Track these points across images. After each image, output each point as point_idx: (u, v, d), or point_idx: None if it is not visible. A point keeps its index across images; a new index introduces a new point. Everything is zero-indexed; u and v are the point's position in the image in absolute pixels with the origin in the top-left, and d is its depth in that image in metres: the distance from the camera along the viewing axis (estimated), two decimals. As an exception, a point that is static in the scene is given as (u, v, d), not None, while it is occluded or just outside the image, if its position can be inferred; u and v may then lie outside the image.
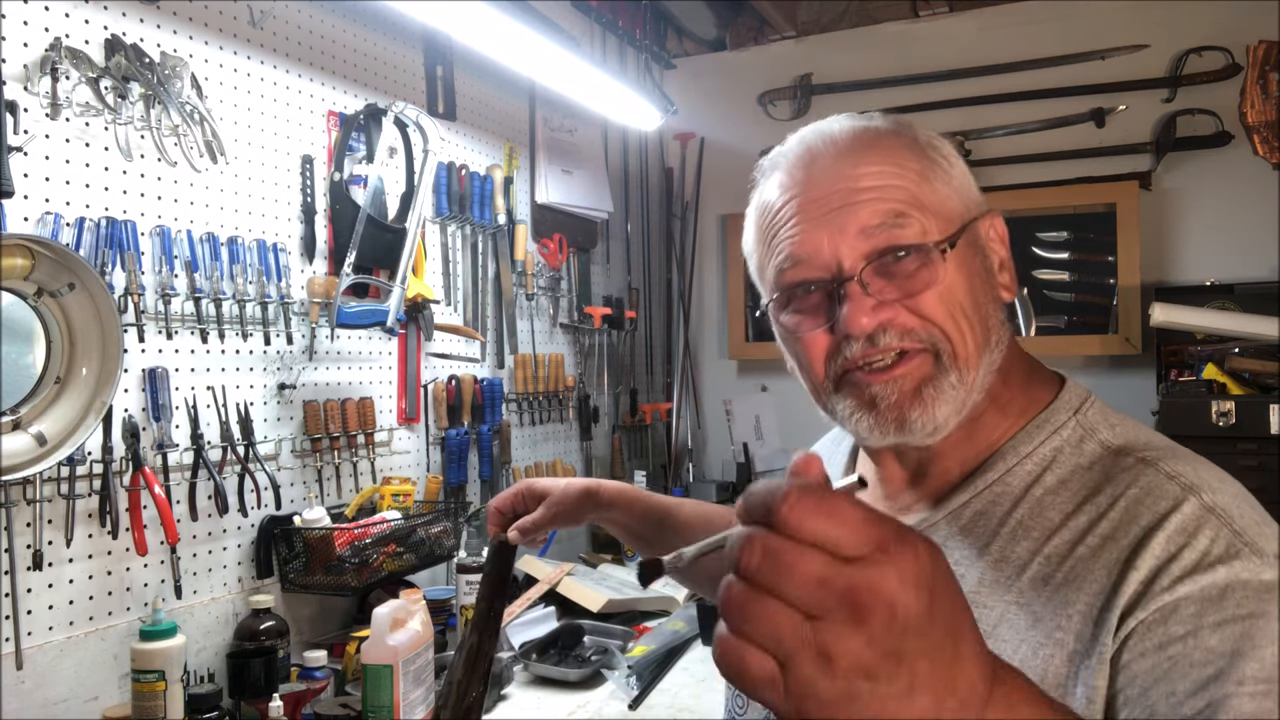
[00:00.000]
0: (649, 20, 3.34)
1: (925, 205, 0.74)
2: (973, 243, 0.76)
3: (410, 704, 1.52)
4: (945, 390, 0.74)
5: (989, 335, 0.76)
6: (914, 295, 0.73)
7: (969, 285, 0.75)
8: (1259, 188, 2.79)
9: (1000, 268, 0.79)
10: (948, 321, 0.74)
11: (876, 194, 0.74)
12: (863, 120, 0.79)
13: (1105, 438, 0.76)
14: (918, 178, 0.75)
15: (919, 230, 0.73)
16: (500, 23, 2.00)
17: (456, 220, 2.43)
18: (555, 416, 2.89)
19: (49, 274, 1.37)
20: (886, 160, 0.75)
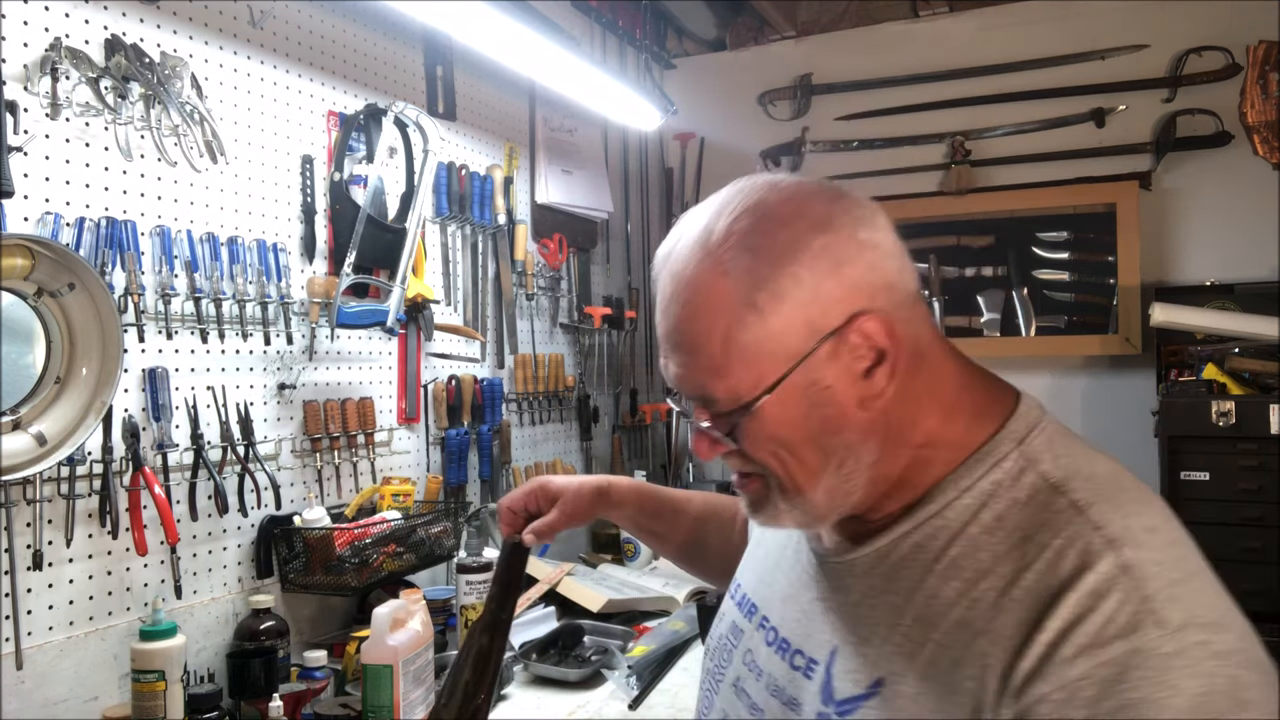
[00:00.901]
0: (649, 20, 3.34)
1: (734, 367, 0.74)
2: (804, 380, 0.74)
3: (410, 704, 1.52)
4: (782, 509, 0.79)
5: (826, 460, 0.76)
6: (737, 438, 0.77)
7: (799, 420, 0.75)
8: (1259, 188, 2.79)
9: (869, 371, 0.74)
10: (769, 460, 0.77)
11: (684, 361, 0.77)
12: (697, 242, 0.76)
13: (1046, 469, 0.75)
14: (723, 339, 0.74)
15: (724, 395, 0.75)
16: (500, 23, 2.00)
17: (456, 220, 2.43)
18: (555, 416, 2.89)
19: (49, 274, 1.37)
20: (691, 327, 0.75)
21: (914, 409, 0.77)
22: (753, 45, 3.49)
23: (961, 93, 3.14)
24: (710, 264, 0.75)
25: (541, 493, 1.16)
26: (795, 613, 0.85)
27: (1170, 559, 0.67)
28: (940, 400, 0.78)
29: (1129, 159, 2.95)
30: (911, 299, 0.77)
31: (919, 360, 0.77)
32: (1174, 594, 0.65)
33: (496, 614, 1.06)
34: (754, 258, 0.73)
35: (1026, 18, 3.07)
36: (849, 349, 0.74)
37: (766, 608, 0.89)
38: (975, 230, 3.15)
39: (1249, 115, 2.75)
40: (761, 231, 0.74)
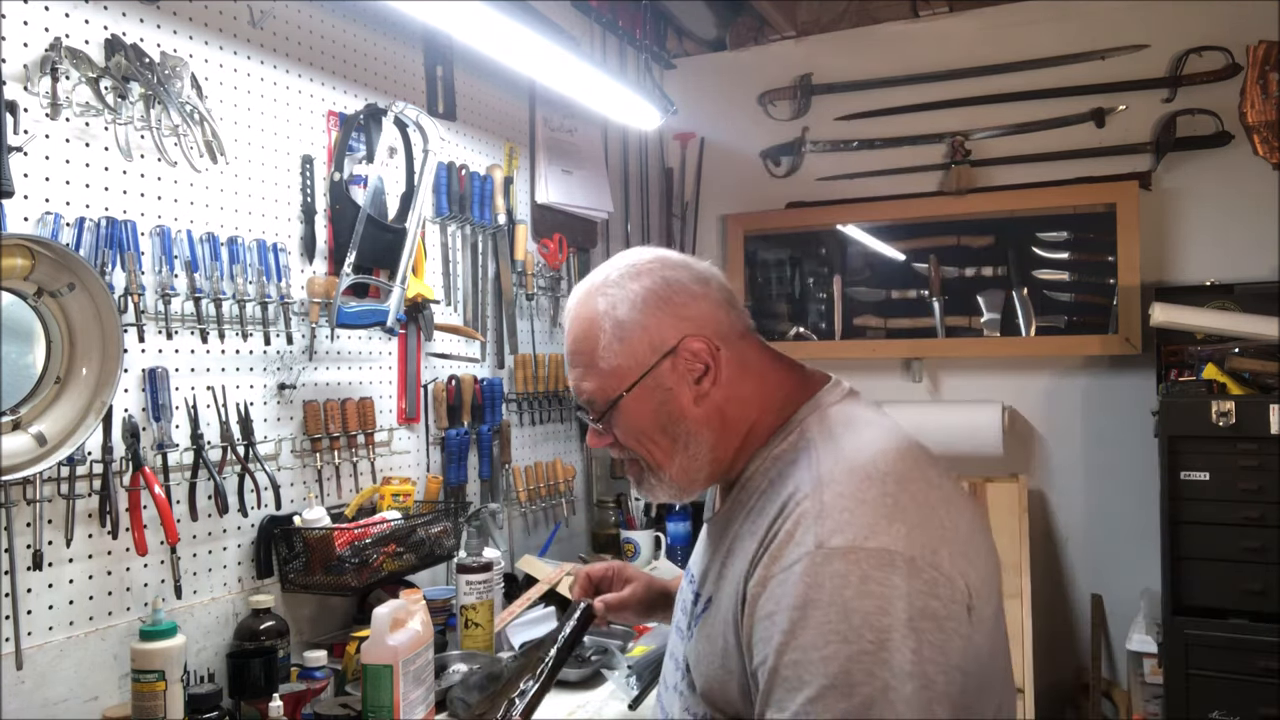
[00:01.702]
0: (649, 20, 3.34)
1: (598, 375, 1.07)
2: (650, 385, 1.06)
3: (410, 704, 1.52)
4: (654, 485, 1.11)
5: (676, 440, 1.07)
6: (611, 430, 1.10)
7: (651, 413, 1.07)
8: (1259, 188, 2.78)
9: (701, 378, 1.06)
10: (635, 445, 1.09)
11: (573, 367, 1.10)
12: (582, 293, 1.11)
13: (811, 435, 1.03)
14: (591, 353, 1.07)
15: (600, 396, 1.08)
16: (500, 23, 2.00)
17: (456, 220, 2.43)
18: (555, 416, 2.89)
19: (49, 274, 1.37)
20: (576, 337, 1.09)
21: (742, 409, 1.08)
22: (753, 45, 3.49)
23: (961, 93, 3.14)
24: (587, 308, 1.09)
25: (619, 574, 1.41)
26: (699, 564, 1.15)
27: (848, 494, 0.92)
28: (762, 400, 1.09)
29: (1129, 159, 2.95)
30: (739, 335, 1.10)
31: (745, 372, 1.08)
32: (839, 520, 0.90)
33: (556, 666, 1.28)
34: (612, 301, 1.07)
35: (1026, 18, 3.07)
36: (683, 362, 1.06)
37: (691, 567, 1.20)
38: (975, 230, 3.14)
39: (1249, 115, 2.75)
40: (623, 282, 1.08)
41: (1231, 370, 2.44)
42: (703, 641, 1.04)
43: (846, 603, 0.86)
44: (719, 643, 1.00)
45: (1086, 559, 3.01)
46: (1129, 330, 2.86)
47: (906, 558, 0.88)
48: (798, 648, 0.87)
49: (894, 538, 0.89)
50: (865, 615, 0.85)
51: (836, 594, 0.87)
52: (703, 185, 3.53)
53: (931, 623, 0.86)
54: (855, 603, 0.86)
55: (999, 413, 2.87)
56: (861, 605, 0.86)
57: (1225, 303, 2.70)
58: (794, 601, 0.88)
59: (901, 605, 0.86)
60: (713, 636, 1.02)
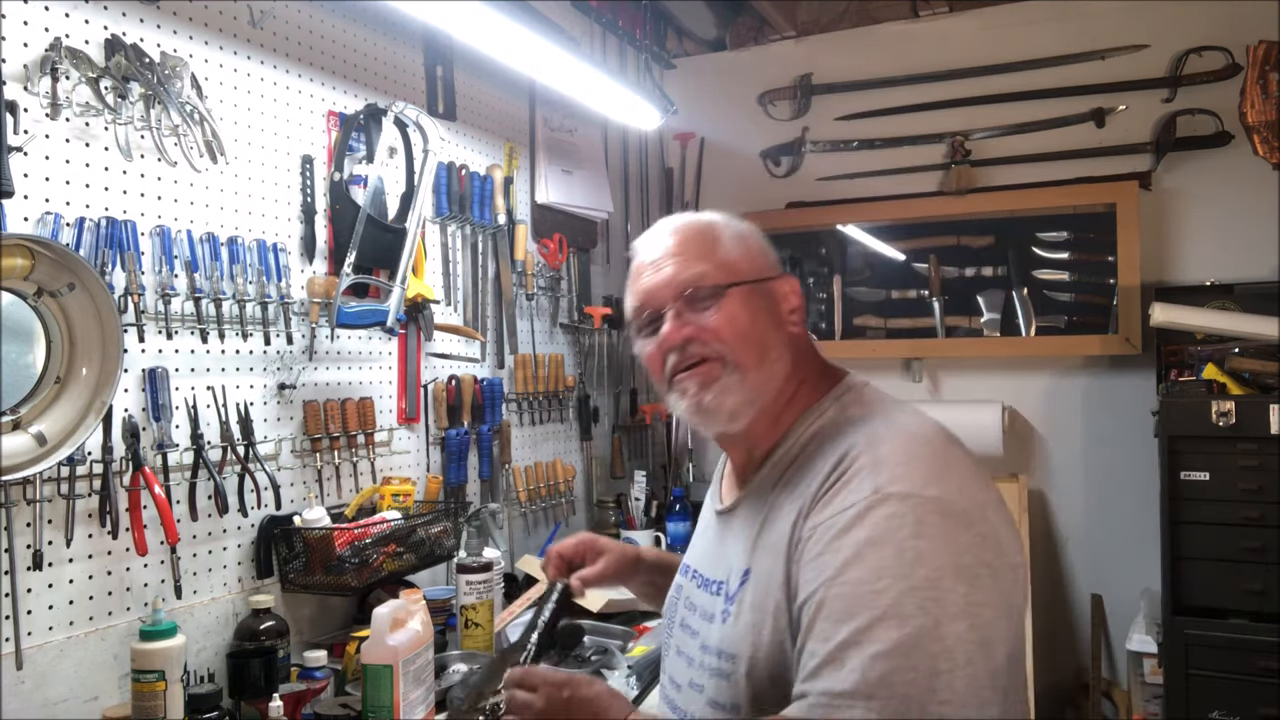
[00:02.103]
0: (649, 20, 3.34)
1: (719, 263, 1.10)
2: (759, 291, 1.10)
3: (410, 704, 1.52)
4: (731, 385, 1.07)
5: (766, 351, 1.09)
6: (707, 319, 1.08)
7: (750, 316, 1.09)
8: (1259, 188, 2.78)
9: (789, 312, 1.13)
10: (731, 337, 1.07)
11: (686, 256, 1.11)
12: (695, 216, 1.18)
13: (852, 413, 1.07)
14: (715, 247, 1.12)
15: (711, 278, 1.09)
16: (500, 23, 2.00)
17: (456, 220, 2.43)
18: (555, 416, 2.89)
19: (49, 274, 1.37)
20: (697, 238, 1.13)
21: (801, 362, 1.13)
22: (753, 45, 3.49)
23: (961, 93, 3.14)
24: (701, 217, 1.17)
25: (590, 547, 1.38)
26: (711, 557, 1.17)
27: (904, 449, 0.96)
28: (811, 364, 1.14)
29: (1129, 159, 2.95)
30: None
31: (808, 336, 1.15)
32: (895, 471, 0.93)
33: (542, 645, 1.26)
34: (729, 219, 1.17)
35: (1026, 18, 3.07)
36: (781, 291, 1.13)
37: (695, 564, 1.21)
38: (975, 230, 3.15)
39: (1249, 115, 2.75)
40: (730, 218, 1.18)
41: (1231, 370, 2.44)
42: (747, 614, 1.02)
43: (901, 542, 0.88)
44: (769, 607, 0.99)
45: (1086, 559, 3.01)
46: (1129, 330, 2.86)
47: (960, 510, 0.91)
48: (847, 581, 0.88)
49: (948, 489, 0.92)
50: (919, 554, 0.87)
51: (892, 534, 0.88)
52: (703, 185, 3.53)
53: (986, 570, 0.88)
54: (910, 542, 0.88)
55: (999, 413, 2.87)
56: (916, 545, 0.87)
57: (1225, 303, 2.70)
58: (847, 541, 0.90)
59: (953, 550, 0.88)
60: (759, 604, 1.01)
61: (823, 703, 0.86)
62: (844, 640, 0.86)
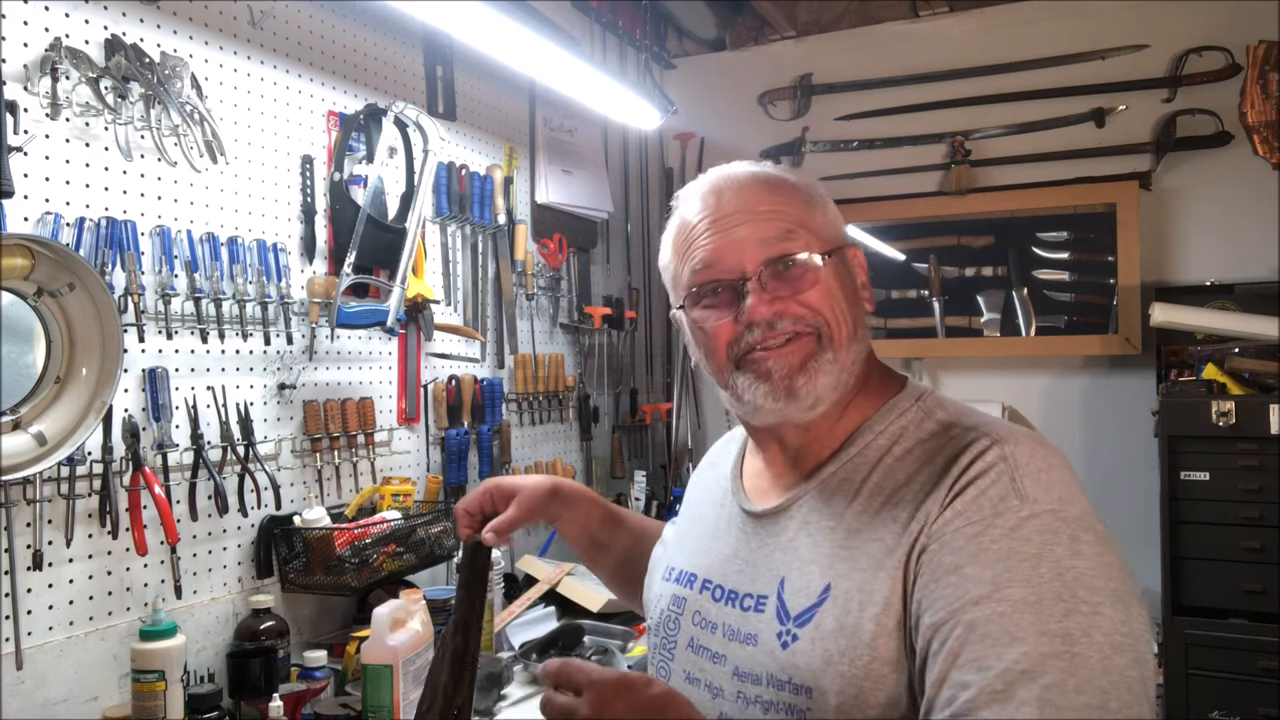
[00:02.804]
0: (649, 20, 3.34)
1: (809, 227, 0.95)
2: (843, 261, 0.98)
3: (410, 704, 1.52)
4: (825, 365, 0.94)
5: (856, 328, 0.96)
6: (802, 292, 0.94)
7: (842, 289, 0.96)
8: (1259, 188, 2.78)
9: (862, 286, 1.00)
10: (828, 312, 0.94)
11: (770, 215, 0.95)
12: (759, 166, 1.01)
13: (941, 417, 0.94)
14: (803, 207, 0.97)
15: (804, 244, 0.94)
16: (500, 23, 2.00)
17: (456, 220, 2.43)
18: (555, 416, 2.89)
19: (49, 274, 1.37)
20: (777, 193, 0.97)
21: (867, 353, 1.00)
22: (753, 45, 3.49)
23: (961, 93, 3.14)
24: (774, 170, 1.00)
25: (497, 492, 1.19)
26: (738, 566, 0.99)
27: (1038, 456, 0.85)
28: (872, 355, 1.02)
29: (1129, 159, 2.95)
30: None
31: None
32: (1037, 479, 0.83)
33: (466, 615, 1.07)
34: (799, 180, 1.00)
35: (1026, 18, 3.07)
36: (853, 264, 1.00)
37: (708, 573, 1.03)
38: (975, 230, 3.14)
39: (1249, 115, 2.75)
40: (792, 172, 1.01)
41: (1231, 370, 2.44)
42: (830, 640, 0.86)
43: (1060, 560, 0.78)
44: (865, 631, 0.84)
45: (1086, 559, 3.01)
46: (1129, 330, 2.86)
47: (1102, 530, 0.83)
48: (1005, 600, 0.77)
49: (1087, 507, 0.84)
50: (1079, 575, 0.78)
51: (1048, 550, 0.79)
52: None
53: (1133, 599, 0.80)
54: (1069, 561, 0.78)
55: (999, 413, 2.87)
56: (1075, 565, 0.78)
57: (1225, 303, 2.70)
58: (994, 555, 0.79)
59: (1109, 573, 0.79)
60: (851, 629, 0.85)
61: None
62: (1008, 669, 0.74)
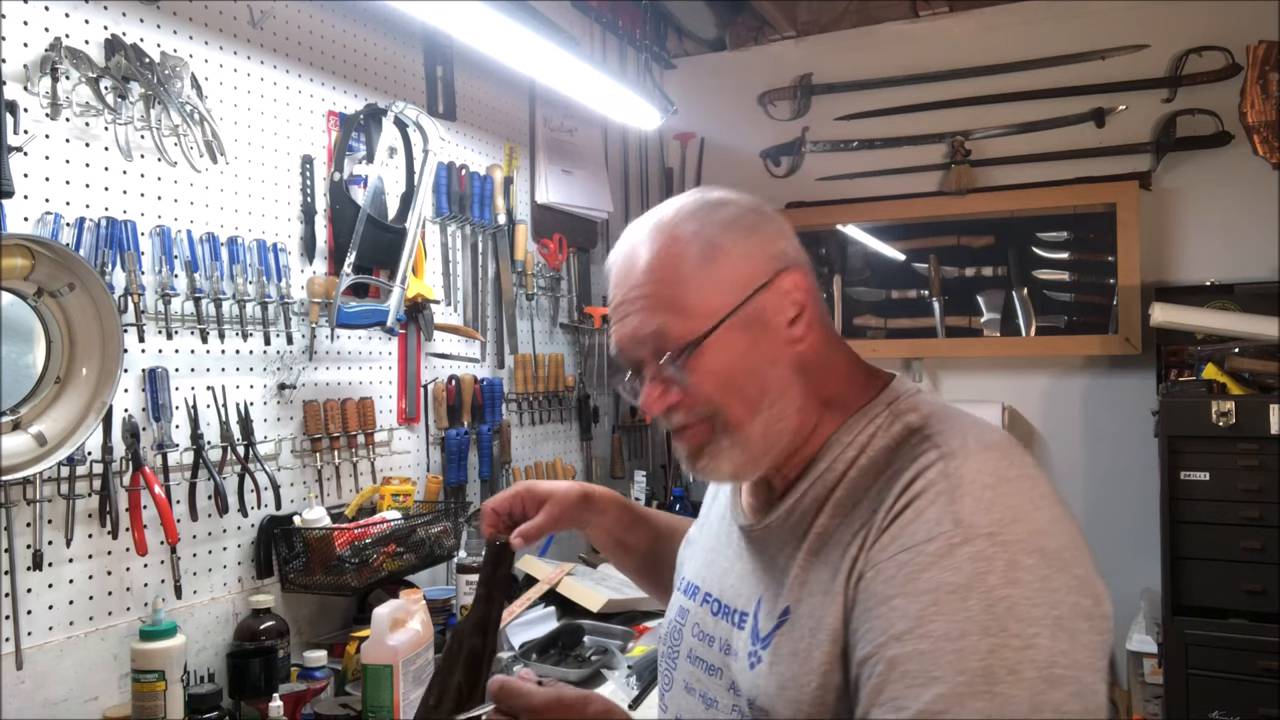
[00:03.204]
0: (649, 20, 3.34)
1: (685, 309, 0.89)
2: (744, 318, 0.90)
3: (410, 704, 1.52)
4: (723, 450, 0.91)
5: (762, 397, 0.90)
6: (687, 381, 0.90)
7: (738, 359, 0.90)
8: (1259, 188, 2.79)
9: (793, 322, 0.91)
10: (718, 397, 0.90)
11: (646, 305, 0.91)
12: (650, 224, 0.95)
13: (910, 419, 0.89)
14: (684, 282, 0.90)
15: (681, 331, 0.89)
16: (500, 23, 2.00)
17: (456, 220, 2.43)
18: (555, 416, 2.89)
19: (49, 274, 1.37)
20: (658, 270, 0.91)
21: (826, 372, 0.93)
22: (753, 45, 3.49)
23: (961, 93, 3.14)
24: (664, 234, 0.93)
25: (529, 496, 1.18)
26: (731, 581, 0.99)
27: (986, 471, 0.80)
28: (843, 366, 0.95)
29: (1129, 159, 2.95)
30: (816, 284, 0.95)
31: (828, 329, 0.95)
32: (979, 498, 0.78)
33: (485, 614, 1.05)
34: (699, 224, 0.92)
35: (1026, 18, 3.07)
36: (777, 299, 0.91)
37: (708, 586, 1.03)
38: (975, 230, 3.15)
39: (1249, 115, 2.75)
40: (704, 210, 0.94)
41: (1231, 370, 2.44)
42: (784, 664, 0.86)
43: (991, 590, 0.73)
44: (814, 658, 0.83)
45: (1086, 559, 3.01)
46: (1129, 330, 2.86)
47: (1055, 549, 0.76)
48: (926, 636, 0.73)
49: (1041, 524, 0.77)
50: (1013, 605, 0.72)
51: (980, 580, 0.73)
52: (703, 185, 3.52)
53: (1085, 622, 0.75)
54: (1001, 590, 0.73)
55: (999, 413, 2.87)
56: (1008, 594, 0.73)
57: (1225, 303, 2.70)
58: (922, 586, 0.75)
59: (1052, 600, 0.74)
60: (801, 653, 0.85)
61: None
62: (924, 710, 0.71)
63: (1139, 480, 2.82)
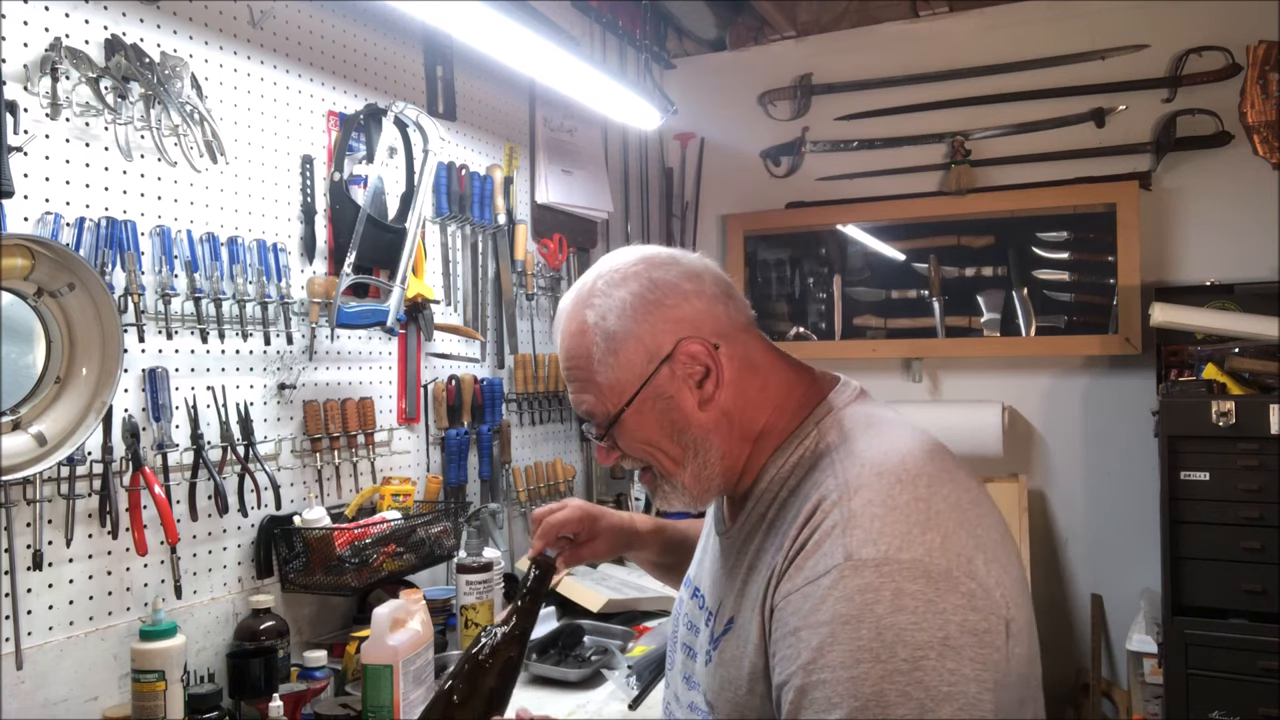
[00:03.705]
0: (649, 20, 3.34)
1: (595, 389, 1.02)
2: (650, 394, 1.00)
3: (410, 704, 1.52)
4: (666, 491, 1.05)
5: (684, 449, 1.01)
6: (620, 441, 1.04)
7: (656, 423, 1.01)
8: (1259, 188, 2.79)
9: (704, 379, 1.00)
10: (644, 454, 1.04)
11: (576, 375, 1.04)
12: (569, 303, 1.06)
13: (830, 439, 0.97)
14: (586, 367, 1.02)
15: (603, 405, 1.02)
16: (500, 23, 2.00)
17: (456, 220, 2.43)
18: (555, 416, 2.89)
19: (49, 274, 1.37)
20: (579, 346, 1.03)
21: (751, 411, 1.02)
22: (753, 45, 3.49)
23: (961, 93, 3.14)
24: (576, 321, 1.03)
25: (589, 522, 1.30)
26: (710, 579, 1.10)
27: (877, 501, 0.87)
28: (770, 401, 1.03)
29: (1129, 159, 2.95)
30: (740, 328, 1.04)
31: (751, 371, 1.03)
32: (869, 528, 0.85)
33: (525, 628, 1.12)
34: (601, 312, 1.01)
35: (1026, 18, 3.07)
36: (681, 367, 1.00)
37: (699, 582, 1.14)
38: (975, 230, 3.15)
39: (1249, 115, 2.75)
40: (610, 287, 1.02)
41: (1231, 370, 2.44)
42: (725, 668, 0.97)
43: (879, 619, 0.80)
44: (744, 666, 0.94)
45: (1086, 559, 3.01)
46: (1129, 330, 2.86)
47: (943, 570, 0.83)
48: (826, 666, 0.81)
49: (929, 548, 0.84)
50: (899, 632, 0.80)
51: (868, 610, 0.81)
52: (703, 185, 3.53)
53: (972, 638, 0.81)
54: (889, 619, 0.80)
55: (999, 413, 2.87)
56: (895, 621, 0.80)
57: (1225, 303, 2.70)
58: (822, 618, 0.83)
59: (938, 621, 0.80)
60: (736, 660, 0.95)
61: None
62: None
63: (1139, 480, 2.82)
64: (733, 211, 3.45)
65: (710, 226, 3.52)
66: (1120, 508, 2.95)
